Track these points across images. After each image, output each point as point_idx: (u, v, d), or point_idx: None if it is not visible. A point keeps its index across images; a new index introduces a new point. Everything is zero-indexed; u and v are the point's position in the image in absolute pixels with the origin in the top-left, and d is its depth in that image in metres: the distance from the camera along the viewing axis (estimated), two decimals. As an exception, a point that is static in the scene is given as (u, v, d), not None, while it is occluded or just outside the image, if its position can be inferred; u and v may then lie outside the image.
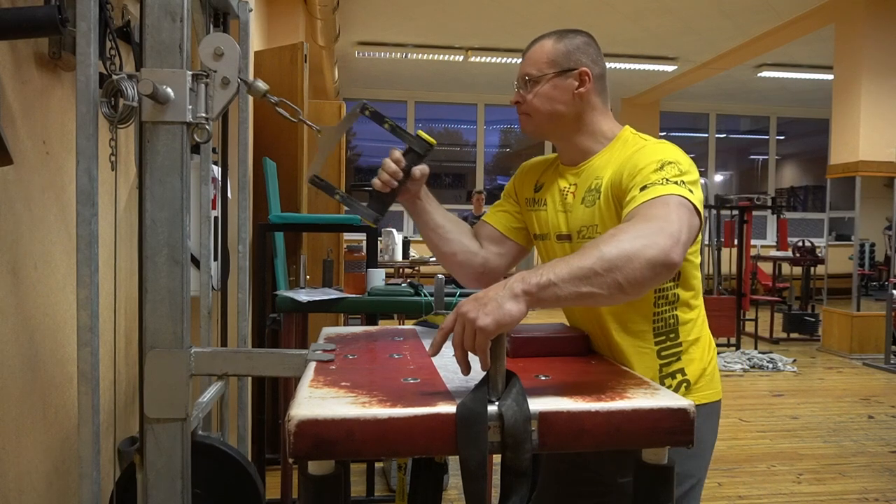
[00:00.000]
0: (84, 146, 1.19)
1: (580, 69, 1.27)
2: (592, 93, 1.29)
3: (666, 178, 1.11)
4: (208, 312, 1.85)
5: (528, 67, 1.30)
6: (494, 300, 0.91)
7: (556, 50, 1.28)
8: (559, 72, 1.27)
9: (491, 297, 0.91)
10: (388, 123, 1.30)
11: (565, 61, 1.28)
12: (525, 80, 1.30)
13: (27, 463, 1.40)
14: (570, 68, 1.27)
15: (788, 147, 12.36)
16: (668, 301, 1.24)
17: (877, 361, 5.88)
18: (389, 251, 6.90)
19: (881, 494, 3.01)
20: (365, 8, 6.89)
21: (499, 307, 0.90)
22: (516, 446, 0.84)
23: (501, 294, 0.91)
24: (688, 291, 1.26)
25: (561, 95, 1.27)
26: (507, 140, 12.40)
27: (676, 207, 1.05)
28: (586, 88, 1.28)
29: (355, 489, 2.89)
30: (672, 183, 1.10)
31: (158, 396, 1.16)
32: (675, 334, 1.24)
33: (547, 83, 1.28)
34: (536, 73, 1.28)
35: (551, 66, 1.28)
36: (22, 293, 1.37)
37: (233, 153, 2.01)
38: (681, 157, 1.17)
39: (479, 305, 0.91)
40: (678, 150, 1.20)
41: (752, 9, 6.67)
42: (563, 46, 1.28)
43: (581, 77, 1.27)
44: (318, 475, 0.86)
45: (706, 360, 1.28)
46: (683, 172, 1.13)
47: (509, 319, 0.89)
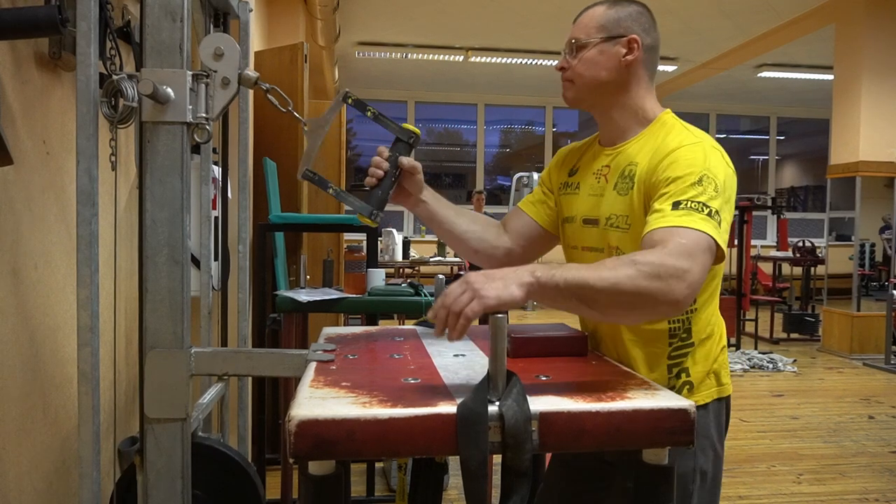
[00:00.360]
0: (84, 146, 1.19)
1: (629, 36, 1.23)
2: (640, 64, 1.25)
3: (702, 204, 1.06)
4: (208, 312, 1.85)
5: (577, 32, 1.26)
6: (503, 280, 0.95)
7: (606, 16, 1.25)
8: (607, 37, 1.24)
9: (500, 277, 0.95)
10: (370, 111, 1.30)
11: (615, 27, 1.24)
12: (572, 46, 1.26)
13: (27, 463, 1.40)
14: (619, 35, 1.24)
15: (788, 147, 12.36)
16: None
17: (877, 362, 5.88)
18: (389, 251, 6.90)
19: (881, 494, 3.01)
20: (365, 8, 6.89)
21: (505, 287, 0.94)
22: (517, 446, 0.84)
23: (511, 276, 0.95)
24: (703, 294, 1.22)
25: (607, 62, 1.24)
26: (507, 140, 12.40)
27: (703, 253, 1.02)
28: (634, 56, 1.23)
29: (355, 489, 2.89)
30: (706, 212, 1.05)
31: (158, 396, 1.16)
32: (687, 334, 1.22)
33: (594, 48, 1.24)
34: (584, 38, 1.25)
35: (600, 32, 1.24)
36: (22, 293, 1.37)
37: (233, 153, 2.01)
38: (719, 168, 1.12)
39: (487, 280, 0.95)
40: (716, 156, 1.14)
41: (752, 9, 6.68)
42: (615, 13, 1.25)
43: (630, 44, 1.23)
44: (319, 475, 0.86)
45: (712, 357, 1.24)
46: (719, 192, 1.09)
47: (509, 300, 0.93)
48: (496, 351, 0.89)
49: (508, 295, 0.93)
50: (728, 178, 1.14)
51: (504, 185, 11.71)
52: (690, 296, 0.99)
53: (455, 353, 1.21)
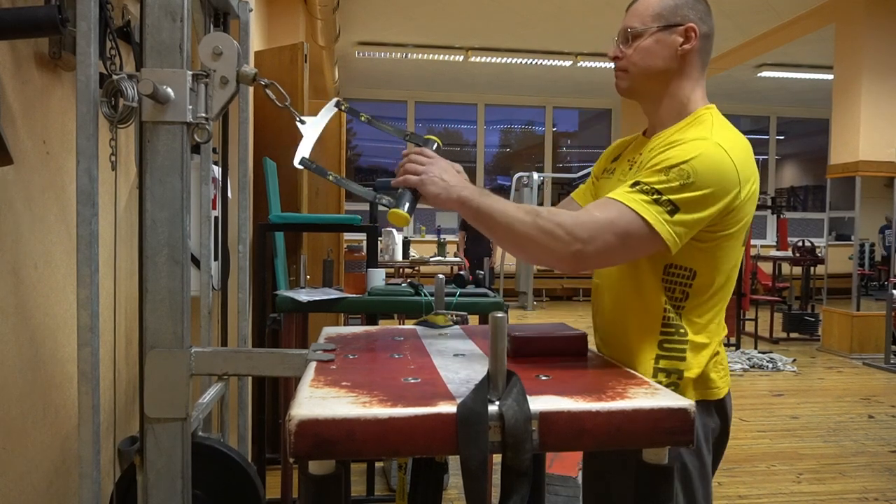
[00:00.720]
0: (84, 146, 1.19)
1: (687, 25, 1.21)
2: (696, 53, 1.23)
3: (654, 189, 1.09)
4: (208, 312, 1.85)
5: (632, 20, 1.24)
6: (445, 185, 1.15)
7: (663, 3, 1.22)
8: (664, 26, 1.21)
9: (445, 181, 1.15)
10: (363, 116, 1.34)
11: (671, 16, 1.21)
12: (627, 34, 1.24)
13: (28, 462, 1.40)
14: (677, 23, 1.21)
15: (788, 147, 12.36)
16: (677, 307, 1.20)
17: (877, 361, 5.88)
18: (389, 251, 6.90)
19: (881, 494, 3.01)
20: (365, 8, 6.89)
21: (442, 191, 1.14)
22: (517, 446, 0.84)
23: (452, 188, 1.14)
24: (701, 295, 1.20)
25: (663, 51, 1.22)
26: (507, 140, 12.40)
27: (615, 232, 1.08)
28: (691, 45, 1.21)
29: (355, 489, 2.89)
30: (653, 197, 1.08)
31: (159, 396, 1.16)
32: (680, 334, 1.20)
33: (650, 37, 1.22)
34: (640, 27, 1.23)
35: (656, 20, 1.22)
36: (22, 293, 1.37)
37: (233, 153, 2.01)
38: (705, 166, 1.09)
39: (438, 173, 1.16)
40: (712, 155, 1.11)
41: (752, 9, 6.68)
42: (672, 1, 1.22)
43: (687, 33, 1.21)
44: (319, 475, 0.86)
45: (703, 364, 1.22)
46: (689, 186, 1.08)
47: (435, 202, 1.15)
48: (496, 351, 0.89)
49: (434, 195, 1.15)
50: (720, 177, 1.10)
51: (504, 184, 11.72)
52: (578, 263, 1.09)
53: (455, 353, 1.22)
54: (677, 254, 1.14)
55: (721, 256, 1.19)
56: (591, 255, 1.08)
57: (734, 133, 1.19)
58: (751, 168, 1.16)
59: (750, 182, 1.15)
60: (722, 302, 1.23)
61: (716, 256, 1.18)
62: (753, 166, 1.18)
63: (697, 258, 1.17)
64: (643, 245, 1.10)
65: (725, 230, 1.16)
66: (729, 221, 1.15)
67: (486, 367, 0.90)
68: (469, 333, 1.45)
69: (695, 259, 1.17)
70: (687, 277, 1.18)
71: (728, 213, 1.13)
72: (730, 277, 1.23)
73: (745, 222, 1.18)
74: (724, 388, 1.27)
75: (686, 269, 1.18)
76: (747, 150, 1.18)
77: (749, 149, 1.19)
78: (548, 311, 9.30)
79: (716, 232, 1.15)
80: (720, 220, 1.13)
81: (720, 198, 1.10)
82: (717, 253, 1.18)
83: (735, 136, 1.18)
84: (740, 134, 1.20)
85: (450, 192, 1.14)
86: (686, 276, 1.18)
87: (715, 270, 1.19)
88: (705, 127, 1.18)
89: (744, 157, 1.14)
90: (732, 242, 1.19)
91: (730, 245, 1.18)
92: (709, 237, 1.16)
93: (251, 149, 2.50)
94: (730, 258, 1.20)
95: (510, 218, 1.10)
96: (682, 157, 1.10)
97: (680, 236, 1.09)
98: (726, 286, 1.23)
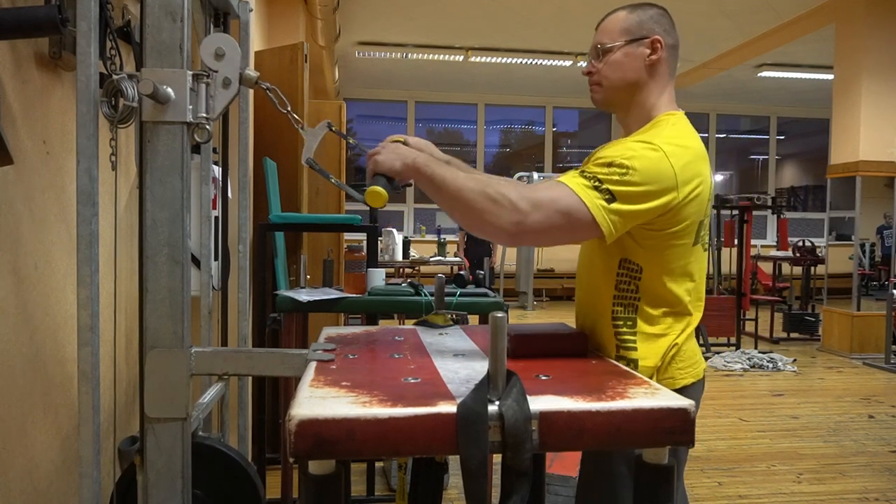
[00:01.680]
0: (84, 146, 1.19)
1: (653, 37, 1.30)
2: (663, 62, 1.32)
3: (595, 177, 1.16)
4: (208, 312, 1.85)
5: (602, 37, 1.33)
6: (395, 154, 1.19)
7: (628, 19, 1.32)
8: (632, 40, 1.31)
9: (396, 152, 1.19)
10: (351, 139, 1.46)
11: (638, 30, 1.31)
12: (598, 50, 1.33)
13: (28, 462, 1.40)
14: (643, 36, 1.30)
15: (788, 147, 12.36)
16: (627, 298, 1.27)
17: (877, 361, 5.88)
18: (389, 251, 6.90)
19: (881, 494, 3.01)
20: (365, 8, 6.89)
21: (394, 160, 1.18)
22: (517, 446, 0.84)
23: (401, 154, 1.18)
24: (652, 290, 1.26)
25: (632, 63, 1.31)
26: (507, 140, 12.40)
27: (557, 210, 1.14)
28: (658, 56, 1.31)
29: (355, 489, 2.89)
30: (593, 183, 1.15)
31: (159, 396, 1.16)
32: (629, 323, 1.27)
33: (619, 51, 1.31)
34: (609, 43, 1.32)
35: (624, 35, 1.31)
36: (22, 293, 1.37)
37: (233, 153, 2.01)
38: (645, 164, 1.16)
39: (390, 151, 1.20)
40: (653, 156, 1.18)
41: (752, 9, 6.68)
42: (637, 17, 1.32)
43: (653, 45, 1.30)
44: (319, 475, 0.86)
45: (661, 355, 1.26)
46: (627, 181, 1.15)
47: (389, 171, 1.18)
48: (496, 350, 0.89)
49: (391, 167, 1.18)
50: (657, 177, 1.16)
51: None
52: (517, 235, 1.14)
53: (455, 353, 1.22)
54: (628, 249, 1.24)
55: (669, 255, 1.24)
56: (530, 229, 1.14)
57: (683, 138, 1.25)
58: (693, 171, 1.21)
59: (691, 185, 1.21)
60: (678, 298, 1.27)
61: (662, 255, 1.24)
62: (698, 170, 1.23)
63: (642, 255, 1.25)
64: (580, 227, 1.16)
65: (665, 229, 1.22)
66: (669, 221, 1.21)
67: (486, 366, 0.90)
68: (469, 333, 1.45)
69: (641, 255, 1.25)
70: (636, 272, 1.26)
71: (666, 212, 1.19)
72: (685, 277, 1.27)
73: (689, 223, 1.23)
74: (682, 380, 1.30)
75: (635, 264, 1.26)
76: (693, 154, 1.24)
77: (697, 154, 1.25)
78: (548, 311, 9.30)
79: (656, 230, 1.22)
80: (658, 218, 1.20)
81: (657, 196, 1.17)
82: (663, 252, 1.24)
83: (683, 140, 1.25)
84: (692, 139, 1.27)
85: (404, 159, 1.19)
86: (635, 271, 1.26)
87: (662, 268, 1.25)
88: (656, 132, 1.26)
89: (686, 161, 1.21)
90: (678, 242, 1.24)
91: (677, 244, 1.24)
92: (650, 235, 1.22)
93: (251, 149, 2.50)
94: (678, 257, 1.25)
95: (459, 185, 1.15)
96: (624, 154, 1.18)
97: (615, 225, 1.16)
98: (682, 284, 1.27)
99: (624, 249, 1.25)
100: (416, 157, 1.19)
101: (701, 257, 1.31)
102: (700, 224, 1.27)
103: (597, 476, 1.30)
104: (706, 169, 1.27)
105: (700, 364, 1.34)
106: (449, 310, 1.64)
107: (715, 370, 5.57)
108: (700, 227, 1.27)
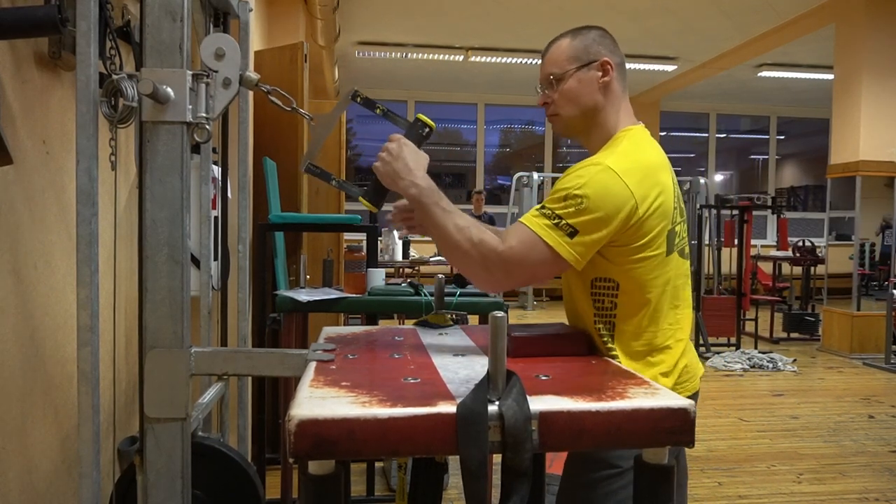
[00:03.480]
0: (84, 146, 1.19)
1: (601, 59, 1.31)
2: (615, 81, 1.33)
3: (555, 213, 1.18)
4: (208, 312, 1.85)
5: (551, 67, 1.33)
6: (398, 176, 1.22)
7: (573, 46, 1.32)
8: (581, 65, 1.31)
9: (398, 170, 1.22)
10: (379, 108, 1.33)
11: (585, 55, 1.31)
12: (549, 81, 1.33)
13: (27, 462, 1.40)
14: (592, 60, 1.31)
15: (788, 147, 12.36)
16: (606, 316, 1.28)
17: (877, 361, 5.88)
18: (389, 251, 6.90)
19: (881, 494, 3.01)
20: (365, 8, 6.89)
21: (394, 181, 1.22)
22: (516, 446, 0.84)
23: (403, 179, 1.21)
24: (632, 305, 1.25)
25: (586, 87, 1.31)
26: (507, 140, 12.40)
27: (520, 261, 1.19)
28: (610, 77, 1.31)
29: (355, 489, 2.89)
30: (554, 221, 1.18)
31: (158, 396, 1.16)
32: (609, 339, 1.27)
33: (571, 78, 1.31)
34: (559, 71, 1.32)
35: (573, 62, 1.31)
36: (22, 293, 1.37)
37: (233, 153, 2.01)
38: (595, 189, 1.18)
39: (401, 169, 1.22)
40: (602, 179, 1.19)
41: (752, 9, 6.68)
42: (580, 42, 1.32)
43: (603, 67, 1.31)
44: (319, 475, 0.85)
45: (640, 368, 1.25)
46: (584, 210, 1.17)
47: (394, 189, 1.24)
48: (496, 350, 0.89)
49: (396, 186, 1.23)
50: (611, 199, 1.18)
51: (504, 184, 11.72)
52: (500, 288, 1.22)
53: (455, 353, 1.22)
54: (598, 267, 1.24)
55: (643, 268, 1.24)
56: (514, 283, 1.23)
57: (636, 153, 1.26)
58: (649, 184, 1.22)
59: (650, 199, 1.21)
60: (660, 313, 1.27)
61: (635, 268, 1.24)
62: (654, 181, 1.23)
63: (615, 271, 1.25)
64: (550, 266, 1.20)
65: (631, 243, 1.22)
66: (633, 236, 1.21)
67: (486, 367, 0.90)
68: (469, 333, 1.45)
69: (614, 272, 1.25)
70: (612, 289, 1.26)
71: (628, 228, 1.20)
72: (666, 289, 1.27)
73: (655, 234, 1.23)
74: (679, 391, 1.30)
75: (610, 280, 1.26)
76: (647, 166, 1.24)
77: (651, 165, 1.25)
78: (548, 311, 9.30)
79: (622, 245, 1.22)
80: (621, 235, 1.20)
81: (614, 216, 1.18)
82: (635, 265, 1.23)
83: (636, 154, 1.26)
84: (646, 151, 1.27)
85: (398, 183, 1.23)
86: (611, 288, 1.26)
87: (638, 282, 1.25)
88: (609, 151, 1.27)
89: (640, 177, 1.21)
90: (649, 254, 1.23)
91: (648, 256, 1.23)
92: (618, 252, 1.23)
93: (251, 149, 2.50)
94: (652, 269, 1.24)
95: (451, 233, 1.20)
96: (576, 185, 1.19)
97: (582, 254, 1.19)
98: (663, 297, 1.27)
99: (595, 268, 1.25)
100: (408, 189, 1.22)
101: (679, 265, 1.30)
102: (671, 233, 1.26)
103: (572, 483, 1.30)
104: (665, 177, 1.26)
105: (694, 379, 1.34)
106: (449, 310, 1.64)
107: (715, 370, 5.57)
108: (673, 236, 1.27)
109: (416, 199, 1.21)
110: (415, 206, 1.23)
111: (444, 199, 1.22)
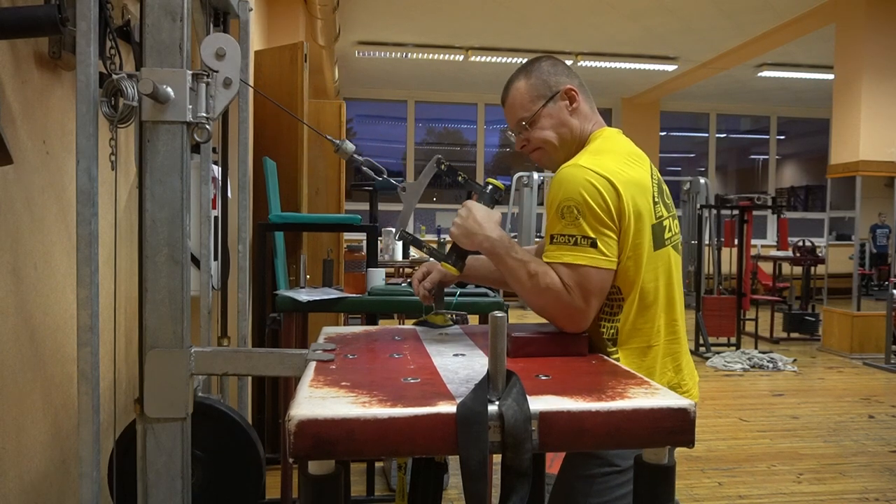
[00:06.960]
0: (84, 146, 1.19)
1: (563, 88, 1.33)
2: (583, 102, 1.35)
3: (565, 235, 1.20)
4: (208, 312, 1.85)
5: (519, 112, 1.35)
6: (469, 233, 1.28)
7: (532, 85, 1.34)
8: (547, 101, 1.32)
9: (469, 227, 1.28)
10: (461, 176, 1.41)
11: (546, 90, 1.33)
12: (521, 126, 1.35)
13: (27, 462, 1.40)
14: (555, 92, 1.32)
15: (788, 147, 12.35)
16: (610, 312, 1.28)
17: (877, 361, 5.88)
18: (389, 251, 6.89)
19: (881, 494, 3.01)
20: (365, 8, 6.89)
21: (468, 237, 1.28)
22: (516, 446, 0.84)
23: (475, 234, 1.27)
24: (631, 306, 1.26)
25: (558, 119, 1.33)
26: (507, 140, 12.39)
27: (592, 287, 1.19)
28: (578, 102, 1.34)
29: (355, 489, 2.89)
30: (572, 242, 1.19)
31: (158, 396, 1.16)
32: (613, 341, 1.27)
33: (542, 117, 1.33)
34: (528, 114, 1.34)
35: (537, 101, 1.33)
36: (22, 293, 1.37)
37: (233, 153, 2.01)
38: (575, 191, 1.19)
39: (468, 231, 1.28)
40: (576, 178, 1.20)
41: (752, 8, 6.67)
42: (536, 79, 1.34)
43: (568, 94, 1.33)
44: (319, 475, 0.85)
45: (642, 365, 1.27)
46: (582, 214, 1.18)
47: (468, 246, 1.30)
48: (496, 350, 0.89)
49: (471, 244, 1.28)
50: (592, 189, 1.19)
51: (505, 184, 11.70)
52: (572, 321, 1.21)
53: (455, 353, 1.22)
54: None
55: (632, 261, 1.24)
56: (583, 320, 1.22)
57: (606, 151, 1.28)
58: (624, 177, 1.22)
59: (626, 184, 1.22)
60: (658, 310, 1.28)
61: (625, 263, 1.23)
62: (626, 175, 1.24)
63: None
64: (604, 282, 1.21)
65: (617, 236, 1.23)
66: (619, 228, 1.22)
67: (486, 367, 0.90)
68: (469, 333, 1.45)
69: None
70: (616, 292, 1.26)
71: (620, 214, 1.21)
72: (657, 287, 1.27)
73: (625, 227, 1.22)
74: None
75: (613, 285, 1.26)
76: (617, 158, 1.26)
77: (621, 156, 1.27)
78: (548, 310, 9.29)
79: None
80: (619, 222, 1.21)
81: (608, 202, 1.19)
82: (625, 260, 1.23)
83: (606, 147, 1.28)
84: (615, 148, 1.29)
85: (472, 240, 1.28)
86: (614, 292, 1.26)
87: (631, 278, 1.24)
88: (579, 154, 1.30)
89: (614, 167, 1.23)
90: (637, 240, 1.23)
91: (635, 248, 1.23)
92: None
93: (251, 149, 2.50)
94: (643, 263, 1.24)
95: (522, 281, 1.23)
96: (560, 195, 1.21)
97: (612, 254, 1.20)
98: (658, 295, 1.27)
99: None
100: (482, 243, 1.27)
101: (673, 260, 1.30)
102: (657, 227, 1.26)
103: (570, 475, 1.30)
104: (639, 172, 1.27)
105: (692, 389, 1.34)
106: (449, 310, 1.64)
107: (715, 370, 5.56)
108: (661, 231, 1.27)
109: (490, 251, 1.26)
110: (490, 257, 1.27)
111: (514, 248, 1.25)
